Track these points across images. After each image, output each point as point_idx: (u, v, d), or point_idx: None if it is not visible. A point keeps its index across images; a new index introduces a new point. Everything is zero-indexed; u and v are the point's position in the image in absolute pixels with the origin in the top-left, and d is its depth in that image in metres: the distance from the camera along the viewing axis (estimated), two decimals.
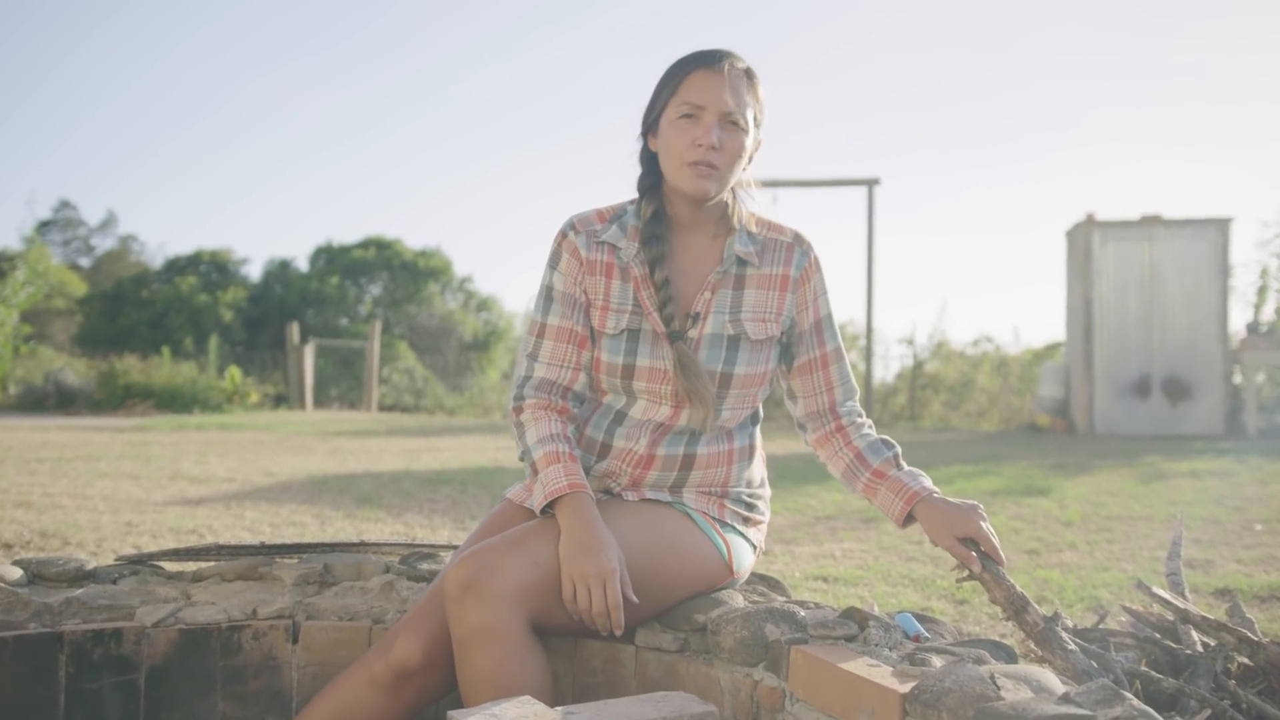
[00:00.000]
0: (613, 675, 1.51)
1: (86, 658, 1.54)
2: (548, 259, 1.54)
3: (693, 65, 1.44)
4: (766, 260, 1.52)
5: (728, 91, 1.42)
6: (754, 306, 1.51)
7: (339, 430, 8.80)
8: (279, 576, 1.68)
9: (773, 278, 1.52)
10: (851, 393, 1.59)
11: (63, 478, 4.70)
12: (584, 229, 1.52)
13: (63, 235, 29.92)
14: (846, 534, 3.54)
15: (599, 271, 1.50)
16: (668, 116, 1.45)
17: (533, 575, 1.32)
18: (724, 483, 1.54)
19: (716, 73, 1.43)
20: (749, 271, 1.51)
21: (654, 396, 1.50)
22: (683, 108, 1.43)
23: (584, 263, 1.50)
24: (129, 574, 1.70)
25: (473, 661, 1.29)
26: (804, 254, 1.54)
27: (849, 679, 1.16)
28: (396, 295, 23.36)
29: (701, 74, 1.43)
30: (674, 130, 1.44)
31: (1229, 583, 2.69)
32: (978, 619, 2.33)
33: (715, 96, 1.42)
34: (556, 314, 1.51)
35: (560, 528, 1.38)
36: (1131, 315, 9.09)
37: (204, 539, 3.17)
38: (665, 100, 1.46)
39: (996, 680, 1.07)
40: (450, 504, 4.12)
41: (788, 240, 1.54)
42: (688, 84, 1.43)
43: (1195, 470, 5.63)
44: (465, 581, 1.30)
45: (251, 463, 5.68)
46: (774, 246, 1.53)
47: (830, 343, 1.56)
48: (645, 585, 1.41)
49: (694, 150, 1.42)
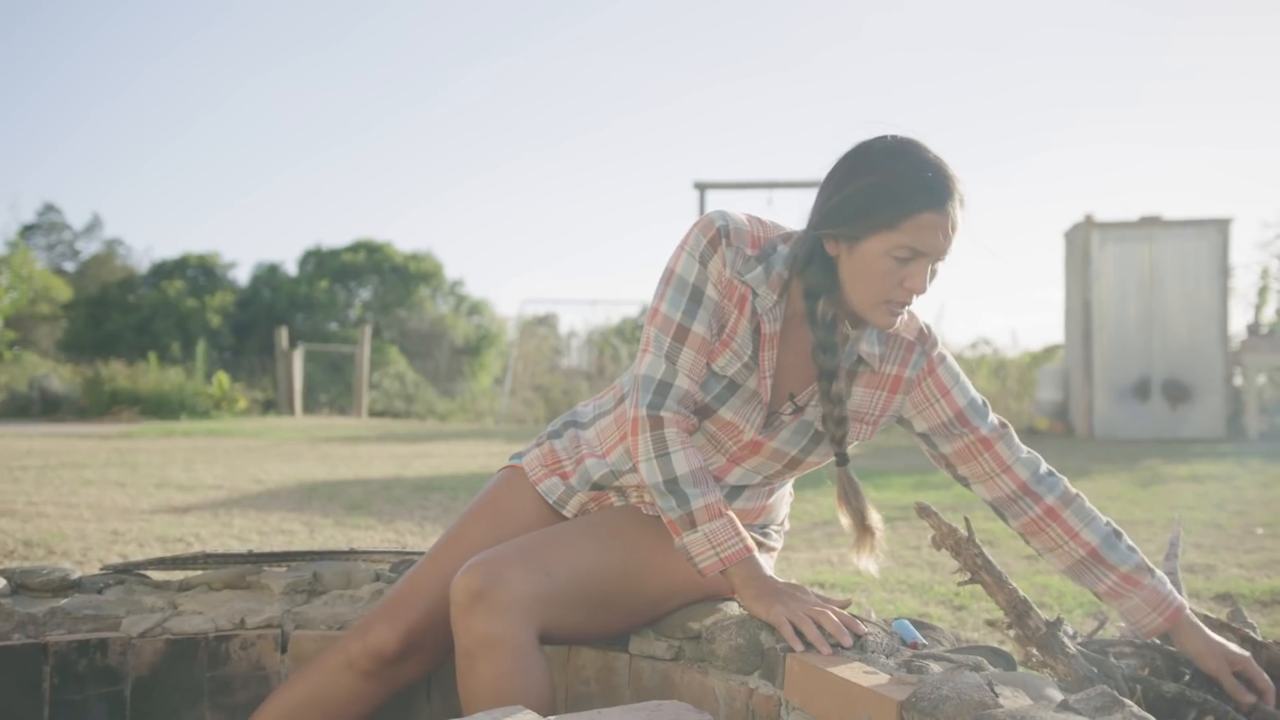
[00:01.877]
0: (606, 684, 1.50)
1: (71, 669, 1.51)
2: (690, 248, 1.34)
3: (923, 204, 1.25)
4: (885, 359, 1.40)
5: (950, 236, 1.28)
6: (856, 406, 1.42)
7: (329, 436, 8.75)
8: (267, 585, 1.66)
9: (885, 378, 1.41)
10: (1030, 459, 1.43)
11: (47, 486, 4.65)
12: (737, 243, 1.34)
13: (47, 239, 29.76)
14: (843, 539, 3.54)
15: (734, 301, 1.35)
16: (876, 247, 1.27)
17: (544, 587, 1.31)
18: (749, 524, 1.51)
19: (944, 215, 1.26)
20: (862, 369, 1.40)
21: (716, 445, 1.42)
22: (901, 251, 1.26)
23: (727, 282, 1.35)
24: (115, 583, 1.67)
25: (477, 672, 1.28)
26: (923, 354, 1.41)
27: (845, 686, 1.15)
28: (387, 299, 23.32)
29: (930, 217, 1.25)
30: (880, 265, 1.27)
31: (1230, 587, 2.69)
32: (975, 625, 2.32)
33: (939, 244, 1.27)
34: (703, 321, 1.34)
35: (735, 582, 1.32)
36: (1131, 317, 9.10)
37: (191, 547, 3.14)
38: (878, 227, 1.27)
39: (994, 687, 1.06)
40: (441, 510, 4.10)
41: (910, 338, 1.41)
42: (913, 225, 1.25)
43: (1196, 474, 5.64)
44: (475, 591, 1.28)
45: (239, 470, 5.64)
46: (896, 344, 1.41)
47: (984, 426, 1.41)
48: (656, 600, 1.41)
49: (900, 292, 1.29)
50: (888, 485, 5.02)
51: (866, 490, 1.48)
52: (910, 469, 6.04)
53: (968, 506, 4.30)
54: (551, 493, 1.50)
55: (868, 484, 6.10)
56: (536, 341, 14.87)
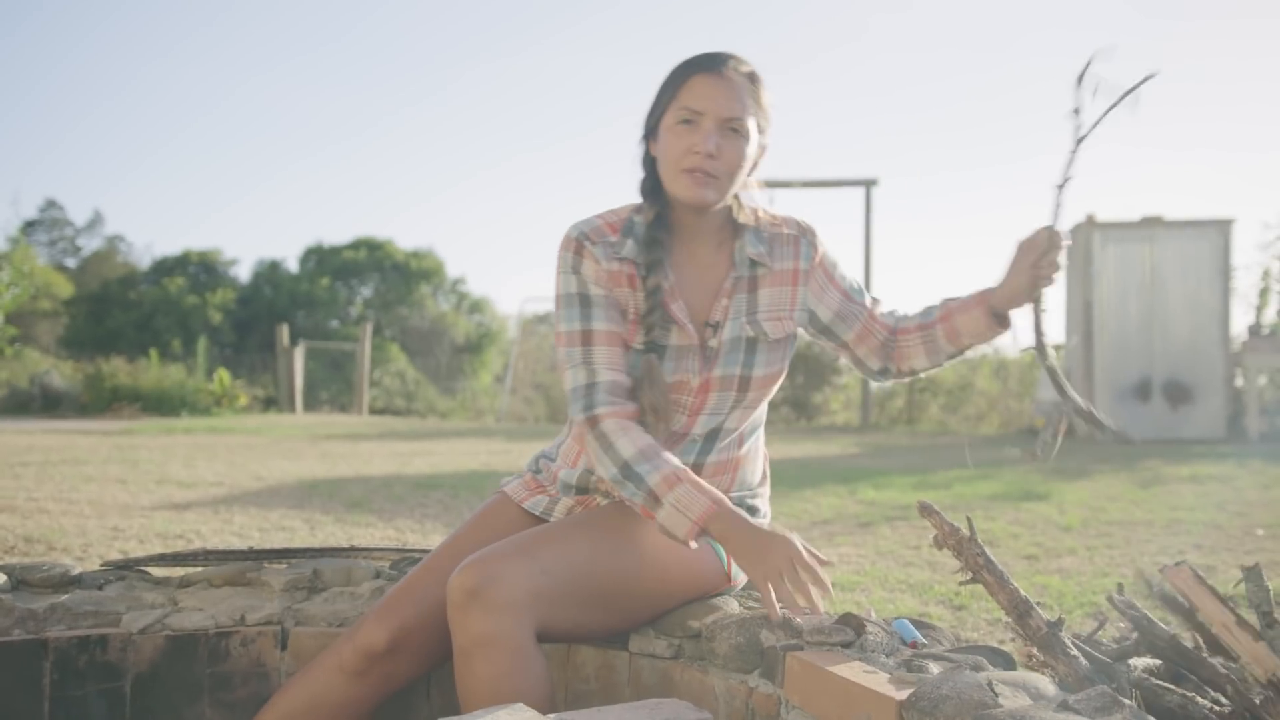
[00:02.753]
0: (606, 682, 1.50)
1: (71, 665, 1.51)
2: (563, 267, 1.45)
3: (694, 69, 1.40)
4: (776, 256, 1.50)
5: (729, 97, 1.38)
6: (770, 306, 1.49)
7: (329, 434, 8.76)
8: (267, 582, 1.66)
9: (784, 273, 1.50)
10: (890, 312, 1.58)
11: (48, 482, 4.66)
12: (599, 240, 1.45)
13: (49, 235, 29.74)
14: (843, 539, 3.53)
15: (624, 283, 1.45)
16: (666, 121, 1.41)
17: (540, 584, 1.31)
18: (726, 490, 1.53)
19: (718, 77, 1.38)
20: (760, 272, 1.49)
21: (676, 408, 1.47)
22: (681, 113, 1.39)
23: (607, 274, 1.44)
24: (115, 580, 1.68)
25: (475, 671, 1.28)
26: (810, 245, 1.52)
27: (845, 686, 1.15)
28: (388, 297, 23.32)
29: (702, 78, 1.39)
30: (672, 136, 1.40)
31: (1230, 589, 2.69)
32: (975, 625, 2.32)
33: (715, 102, 1.38)
34: (600, 318, 1.43)
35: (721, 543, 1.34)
36: (1132, 318, 9.08)
37: (191, 544, 3.14)
38: (665, 104, 1.42)
39: (994, 687, 1.06)
40: (442, 508, 4.10)
41: (793, 233, 1.52)
42: (688, 88, 1.39)
43: (1196, 474, 5.63)
44: (470, 590, 1.29)
45: (240, 467, 5.64)
46: (781, 240, 1.51)
47: (861, 297, 1.55)
48: (649, 590, 1.41)
49: (690, 157, 1.38)
50: (888, 485, 5.01)
51: (865, 490, 1.49)
52: (910, 469, 6.04)
53: (968, 506, 4.30)
54: (537, 506, 1.56)
55: (867, 483, 6.06)
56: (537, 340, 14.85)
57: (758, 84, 1.43)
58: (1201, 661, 1.34)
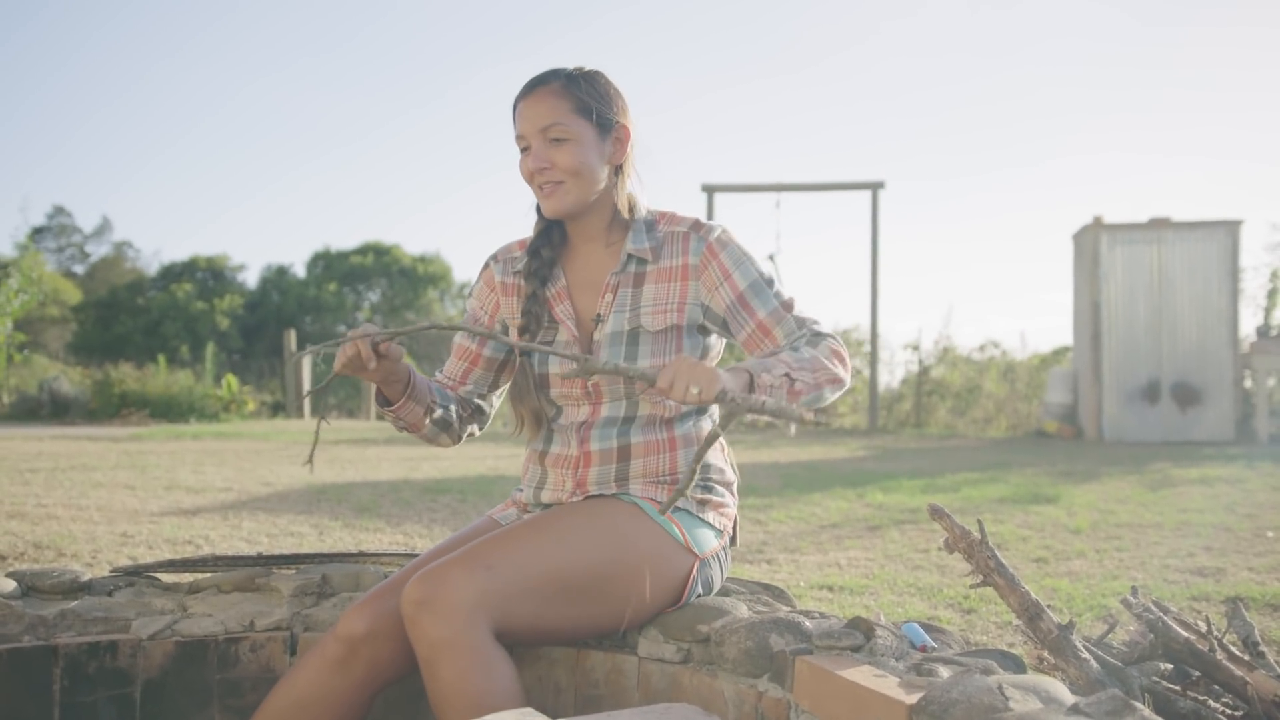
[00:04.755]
0: (615, 686, 1.49)
1: (81, 671, 1.52)
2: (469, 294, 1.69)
3: (516, 100, 1.53)
4: (665, 254, 1.55)
5: (539, 111, 1.49)
6: (654, 300, 1.53)
7: (337, 439, 8.77)
8: (276, 588, 1.66)
9: (673, 269, 1.54)
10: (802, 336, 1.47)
11: (57, 488, 4.67)
12: (503, 258, 1.65)
13: (57, 242, 29.91)
14: (852, 542, 3.53)
15: (512, 293, 1.62)
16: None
17: (487, 582, 1.32)
18: (671, 469, 1.54)
19: (530, 99, 1.50)
20: (647, 269, 1.55)
21: (570, 400, 1.56)
22: (519, 142, 1.53)
23: (498, 288, 1.63)
24: (124, 586, 1.68)
25: (439, 676, 1.29)
26: (701, 239, 1.54)
27: (855, 690, 1.14)
28: (395, 302, 23.38)
29: (521, 106, 1.51)
30: (520, 164, 1.54)
31: (1241, 591, 2.67)
32: (985, 628, 2.31)
33: (531, 121, 1.49)
34: (461, 336, 1.66)
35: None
36: (1140, 320, 9.06)
37: (200, 550, 3.15)
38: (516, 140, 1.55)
39: (1005, 691, 1.05)
40: (450, 513, 4.10)
41: (685, 230, 1.55)
42: (516, 119, 1.52)
43: (1206, 477, 5.61)
44: (419, 600, 1.31)
45: (248, 472, 5.65)
46: (672, 239, 1.55)
47: (762, 309, 1.49)
48: (605, 575, 1.40)
49: (534, 177, 1.52)
50: (896, 488, 5.00)
51: (874, 494, 1.49)
52: (918, 472, 6.02)
53: (977, 509, 4.29)
54: (506, 519, 1.62)
55: (875, 486, 6.05)
56: None
57: (576, 82, 1.51)
58: (1218, 665, 1.33)
